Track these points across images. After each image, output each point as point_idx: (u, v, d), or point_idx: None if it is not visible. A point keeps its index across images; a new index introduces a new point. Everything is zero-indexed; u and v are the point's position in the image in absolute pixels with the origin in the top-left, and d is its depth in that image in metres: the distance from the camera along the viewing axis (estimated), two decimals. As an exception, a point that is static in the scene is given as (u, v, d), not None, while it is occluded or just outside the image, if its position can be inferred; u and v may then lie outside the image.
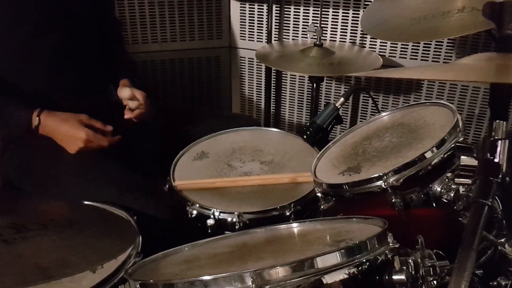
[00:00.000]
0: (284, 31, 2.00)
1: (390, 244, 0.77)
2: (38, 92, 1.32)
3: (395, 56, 1.85)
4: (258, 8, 2.01)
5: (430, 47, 1.78)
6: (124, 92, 1.30)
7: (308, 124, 1.47)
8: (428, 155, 0.98)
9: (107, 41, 1.49)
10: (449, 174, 0.99)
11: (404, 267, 0.76)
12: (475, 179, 0.78)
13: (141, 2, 1.90)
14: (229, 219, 1.15)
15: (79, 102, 1.38)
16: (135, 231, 1.01)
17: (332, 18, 1.89)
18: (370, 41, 1.87)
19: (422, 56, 1.81)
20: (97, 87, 1.48)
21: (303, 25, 1.95)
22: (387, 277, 0.75)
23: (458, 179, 1.00)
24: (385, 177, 0.98)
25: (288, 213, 1.16)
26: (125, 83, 1.42)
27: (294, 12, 1.95)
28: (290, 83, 2.11)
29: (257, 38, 2.06)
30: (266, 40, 2.02)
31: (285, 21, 1.98)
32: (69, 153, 1.28)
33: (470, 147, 1.04)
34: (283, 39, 2.01)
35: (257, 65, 2.13)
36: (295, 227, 1.02)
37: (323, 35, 1.79)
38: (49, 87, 1.33)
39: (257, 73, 2.15)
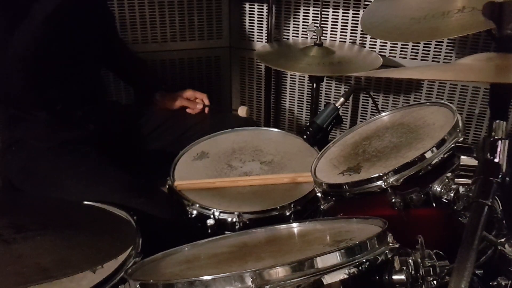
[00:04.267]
0: (284, 30, 2.00)
1: (390, 244, 0.77)
2: (44, 99, 1.31)
3: (395, 56, 1.85)
4: (258, 8, 2.01)
5: (430, 47, 1.78)
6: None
7: (308, 124, 1.47)
8: (428, 155, 0.98)
9: (106, 40, 1.49)
10: (449, 174, 0.99)
11: (404, 267, 0.76)
12: (475, 179, 0.78)
13: (141, 2, 1.90)
14: (229, 219, 1.15)
15: (82, 107, 1.38)
16: (135, 231, 1.02)
17: (332, 18, 1.89)
18: (370, 41, 1.87)
19: (422, 56, 1.81)
20: (98, 89, 1.48)
21: (303, 24, 1.95)
22: (387, 277, 0.75)
23: (458, 179, 1.00)
24: (385, 177, 0.98)
25: (288, 213, 1.16)
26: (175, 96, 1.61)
27: (294, 12, 1.95)
28: (290, 83, 2.11)
29: (257, 38, 2.06)
30: (266, 40, 2.02)
31: (285, 21, 1.98)
32: (70, 156, 1.28)
33: (470, 147, 1.04)
34: (283, 39, 2.01)
35: (257, 65, 2.13)
36: (295, 227, 1.02)
37: (323, 34, 1.79)
38: (53, 94, 1.33)
39: (257, 73, 2.15)
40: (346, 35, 1.90)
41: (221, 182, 1.29)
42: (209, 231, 1.14)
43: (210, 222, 1.14)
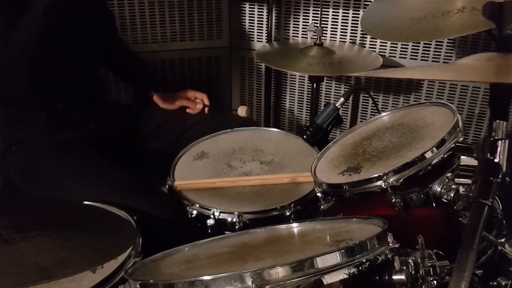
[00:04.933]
0: (284, 30, 2.00)
1: (390, 244, 0.77)
2: (44, 99, 1.31)
3: (395, 56, 1.85)
4: (258, 8, 2.01)
5: (430, 47, 1.78)
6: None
7: (308, 124, 1.47)
8: (428, 155, 0.98)
9: (106, 40, 1.50)
10: (449, 174, 0.99)
11: (404, 267, 0.76)
12: (475, 179, 0.78)
13: (141, 2, 1.90)
14: (229, 219, 1.15)
15: (82, 107, 1.38)
16: (135, 231, 1.01)
17: (332, 18, 1.89)
18: (370, 41, 1.87)
19: (422, 56, 1.81)
20: (98, 90, 1.48)
21: (303, 24, 1.95)
22: (387, 277, 0.75)
23: (458, 179, 1.00)
24: (385, 177, 0.98)
25: (288, 213, 1.16)
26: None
27: (294, 12, 1.95)
28: (290, 83, 2.11)
29: (257, 38, 2.06)
30: (266, 40, 2.02)
31: (285, 21, 1.98)
32: (70, 156, 1.28)
33: (470, 147, 1.04)
34: (283, 39, 2.01)
35: (257, 65, 2.13)
36: (295, 227, 1.02)
37: (323, 34, 1.78)
38: (53, 94, 1.33)
39: (257, 73, 2.15)
40: (346, 35, 1.90)
41: (221, 182, 1.29)
42: (209, 231, 1.14)
43: (210, 222, 1.14)
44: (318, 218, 1.13)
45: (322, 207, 1.09)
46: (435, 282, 0.79)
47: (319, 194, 1.11)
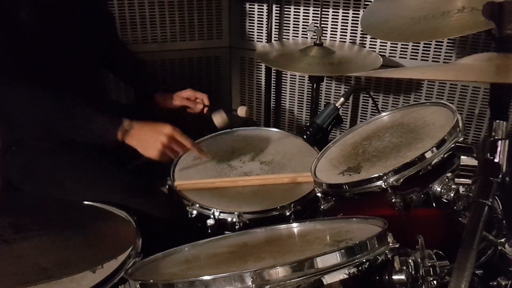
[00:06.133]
0: (284, 30, 2.00)
1: (390, 244, 0.77)
2: None
3: (395, 56, 1.85)
4: (258, 8, 2.01)
5: (430, 47, 1.78)
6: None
7: (308, 124, 1.47)
8: (428, 155, 0.98)
9: (106, 41, 1.49)
10: (449, 174, 0.99)
11: (404, 267, 0.76)
12: (475, 179, 0.78)
13: (141, 2, 1.90)
14: (229, 219, 1.15)
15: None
16: (135, 231, 1.02)
17: (332, 18, 1.89)
18: (370, 41, 1.87)
19: (422, 56, 1.81)
20: (98, 90, 1.48)
21: (303, 24, 1.95)
22: (387, 277, 0.75)
23: (458, 179, 1.00)
24: (385, 177, 0.98)
25: (288, 213, 1.16)
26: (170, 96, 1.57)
27: (294, 11, 1.95)
28: (290, 83, 2.11)
29: (257, 38, 2.06)
30: (266, 40, 2.02)
31: (285, 21, 1.98)
32: (70, 156, 1.28)
33: (470, 147, 1.03)
34: (283, 39, 2.01)
35: (257, 65, 2.13)
36: (295, 227, 1.02)
37: (323, 34, 1.79)
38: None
39: (257, 73, 2.15)
40: (346, 35, 1.90)
41: (221, 182, 1.29)
42: (209, 231, 1.14)
43: (210, 222, 1.14)
44: (318, 218, 1.13)
45: (322, 207, 1.09)
46: (435, 282, 0.79)
47: (319, 194, 1.11)
